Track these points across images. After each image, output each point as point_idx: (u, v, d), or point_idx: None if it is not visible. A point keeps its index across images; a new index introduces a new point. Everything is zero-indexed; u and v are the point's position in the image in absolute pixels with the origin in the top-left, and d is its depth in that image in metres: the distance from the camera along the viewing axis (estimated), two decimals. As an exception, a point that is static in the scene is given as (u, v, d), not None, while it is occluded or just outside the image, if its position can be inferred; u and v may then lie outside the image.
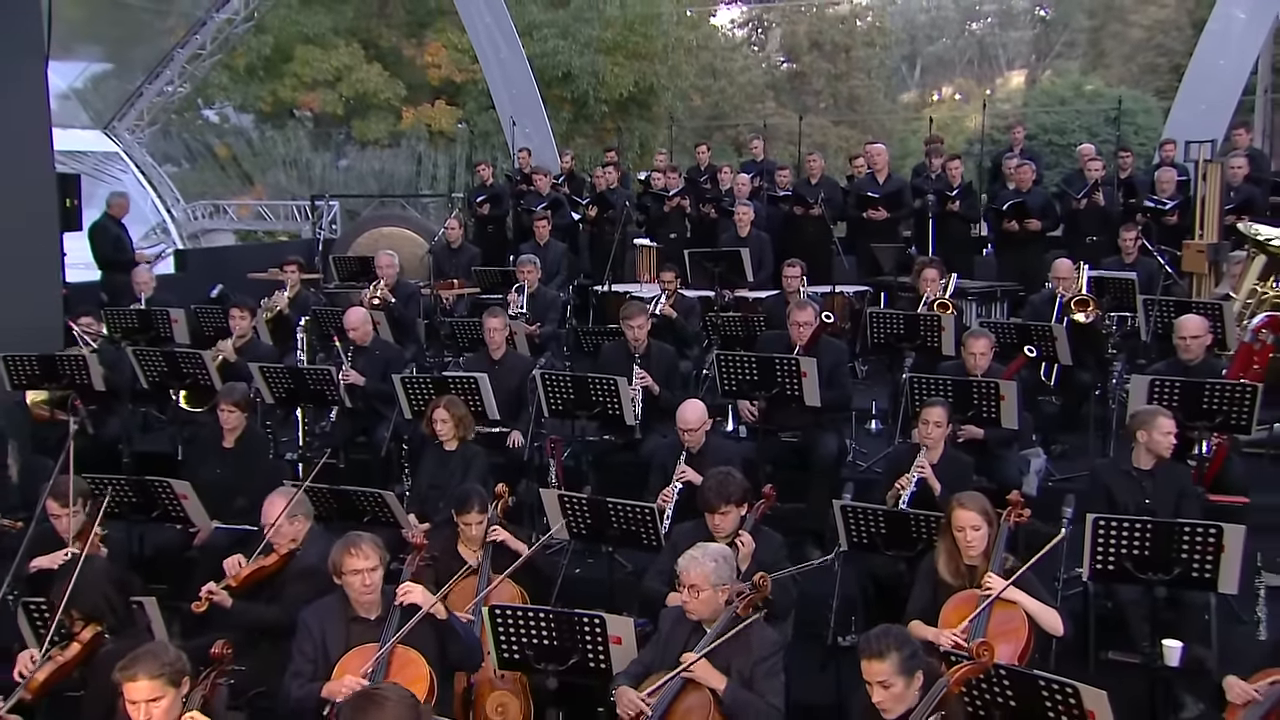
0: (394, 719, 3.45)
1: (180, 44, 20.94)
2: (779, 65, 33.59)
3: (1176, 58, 21.58)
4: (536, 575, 6.22)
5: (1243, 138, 13.61)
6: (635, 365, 8.42)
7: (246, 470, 7.51)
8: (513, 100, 18.57)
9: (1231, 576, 5.45)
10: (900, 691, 4.09)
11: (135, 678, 3.99)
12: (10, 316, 9.46)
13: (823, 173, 13.62)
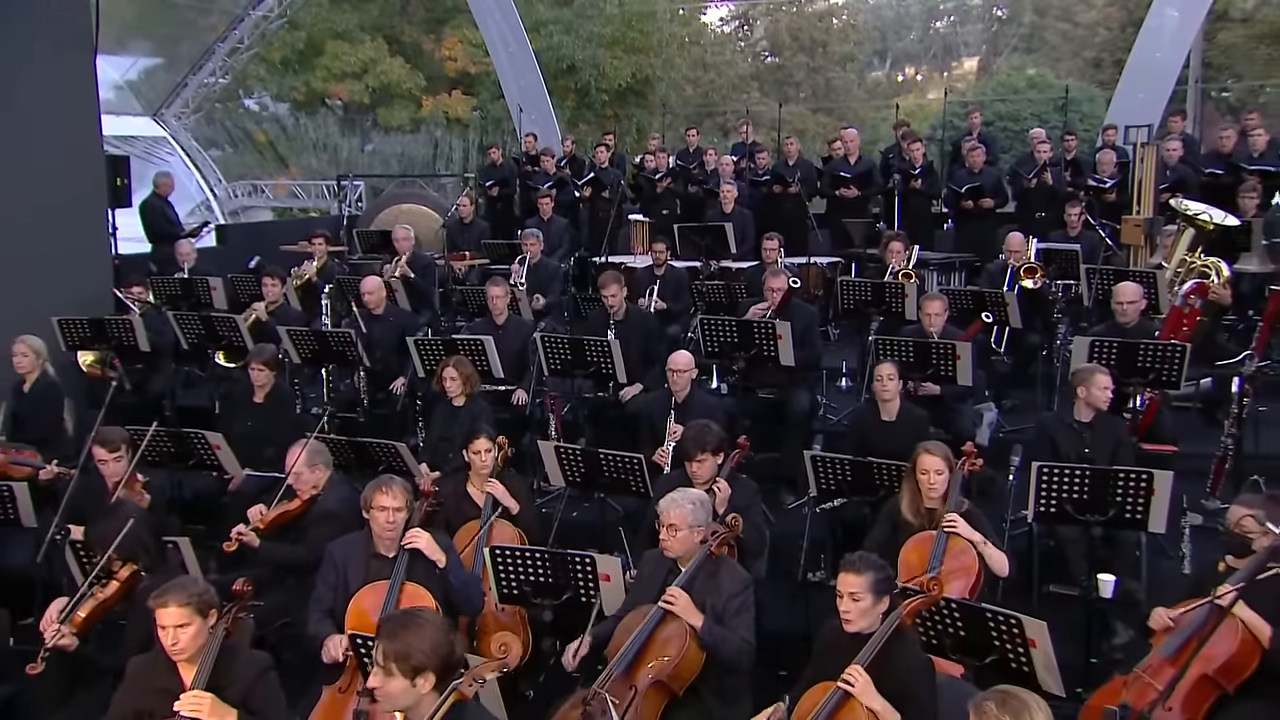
0: (432, 633, 3.43)
1: (221, 39, 20.90)
2: (763, 58, 33.40)
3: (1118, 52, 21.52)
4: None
5: (1176, 123, 13.57)
6: (610, 333, 8.34)
7: (275, 423, 7.47)
8: (520, 90, 18.58)
9: (1160, 517, 5.47)
10: (866, 607, 4.08)
11: (166, 605, 3.97)
12: (63, 285, 9.40)
13: (800, 155, 13.56)
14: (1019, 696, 3.21)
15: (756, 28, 33.71)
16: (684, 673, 4.54)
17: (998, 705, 3.17)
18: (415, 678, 3.37)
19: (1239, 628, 4.45)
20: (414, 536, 5.05)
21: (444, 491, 6.10)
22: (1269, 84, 23.63)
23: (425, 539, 5.07)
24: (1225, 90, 23.36)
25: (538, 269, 10.54)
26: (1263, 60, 24.13)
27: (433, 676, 3.39)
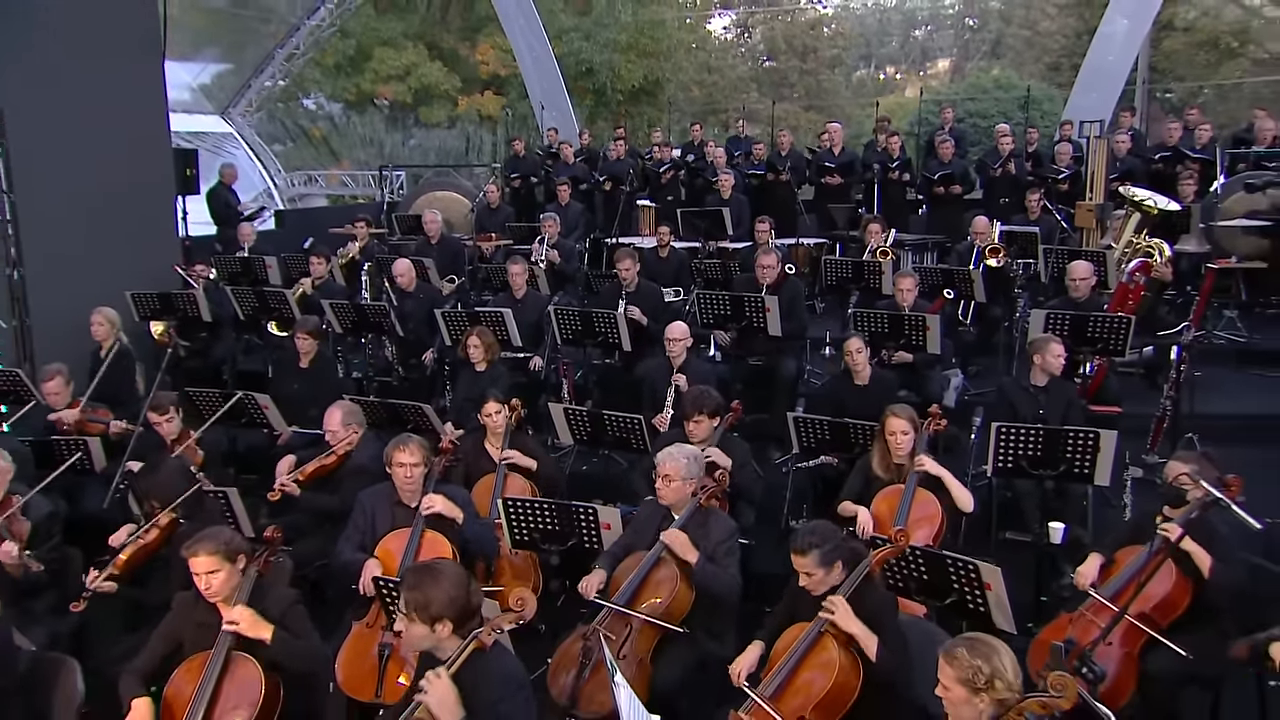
0: (450, 585, 3.34)
1: (280, 45, 20.76)
2: (760, 62, 33.11)
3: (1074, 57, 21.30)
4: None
5: (1125, 119, 13.41)
6: (621, 300, 8.29)
7: (318, 386, 7.38)
8: (543, 90, 18.45)
9: (1105, 472, 5.41)
10: (820, 578, 3.96)
11: (196, 554, 3.89)
12: (136, 262, 9.34)
13: (791, 147, 13.38)
14: (986, 641, 3.11)
15: (755, 34, 33.41)
16: (675, 611, 4.45)
17: (968, 650, 3.07)
18: (434, 625, 3.31)
19: (1173, 572, 4.37)
20: (431, 501, 4.96)
21: (464, 448, 6.01)
22: (1207, 85, 23.52)
23: (441, 502, 4.97)
24: (1169, 91, 23.17)
25: (555, 248, 10.40)
26: (1201, 64, 24.14)
27: (450, 624, 3.32)
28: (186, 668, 3.87)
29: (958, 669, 3.04)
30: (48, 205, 8.74)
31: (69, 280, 8.73)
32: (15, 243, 8.70)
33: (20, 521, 5.06)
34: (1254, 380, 8.62)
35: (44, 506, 5.27)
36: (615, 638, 4.37)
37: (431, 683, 3.22)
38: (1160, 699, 4.31)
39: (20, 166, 8.59)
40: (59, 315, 8.64)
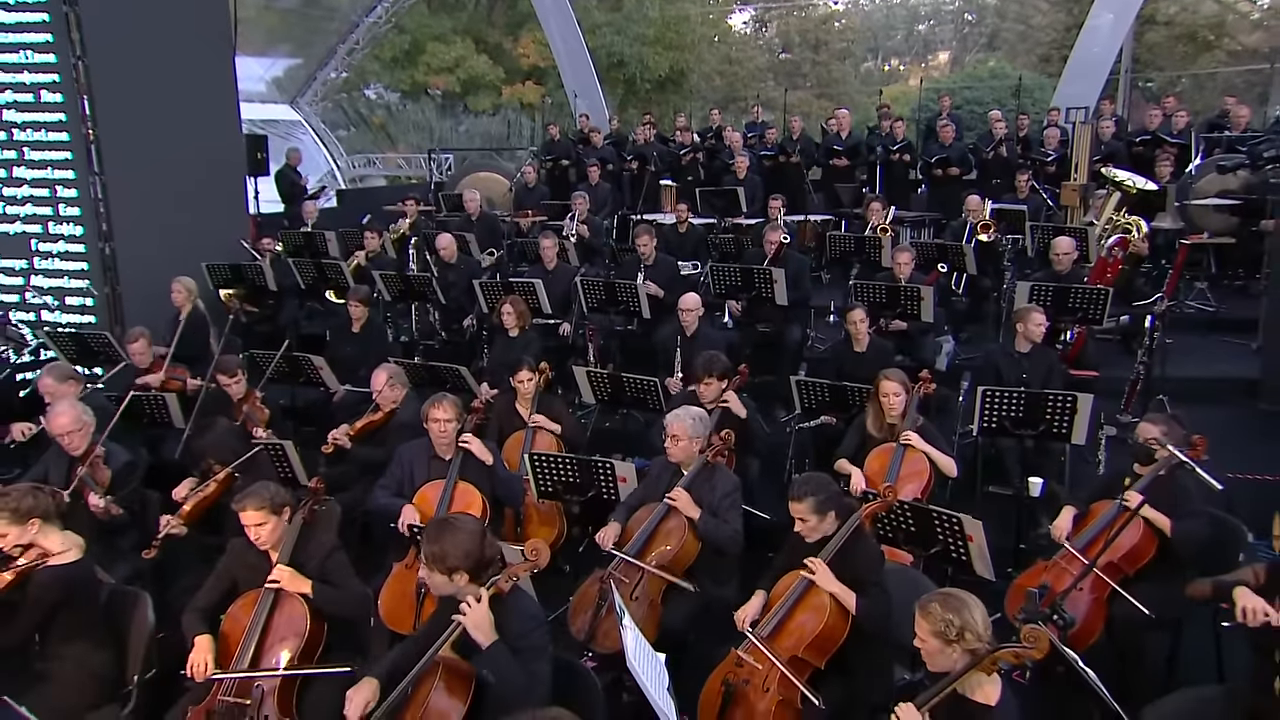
0: (465, 540, 3.27)
1: (341, 41, 20.59)
2: (776, 54, 32.61)
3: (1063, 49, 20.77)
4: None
5: (1107, 106, 13.09)
6: (640, 274, 8.19)
7: (368, 348, 7.34)
8: (576, 80, 18.25)
9: (1082, 431, 5.33)
10: (814, 524, 3.89)
11: (245, 508, 3.85)
12: (209, 237, 9.29)
13: (802, 132, 13.16)
14: (958, 596, 3.01)
15: (771, 28, 32.88)
16: (683, 559, 4.39)
17: (941, 605, 2.98)
18: (451, 575, 3.26)
19: (1141, 523, 4.25)
20: (467, 440, 4.94)
21: (498, 407, 5.96)
22: (1184, 75, 22.98)
23: (476, 443, 4.96)
24: (1149, 80, 22.59)
25: (585, 224, 10.30)
26: (1180, 56, 23.61)
27: (466, 575, 3.27)
28: (240, 604, 3.85)
29: (931, 622, 2.97)
30: (133, 186, 8.74)
31: (152, 252, 8.75)
32: (106, 219, 8.73)
33: (102, 470, 5.06)
34: (1221, 346, 8.44)
35: (123, 456, 5.26)
36: (629, 581, 4.32)
37: (470, 606, 3.19)
38: (1125, 640, 4.22)
39: (109, 152, 8.59)
40: (144, 284, 8.68)
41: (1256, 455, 6.39)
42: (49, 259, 8.74)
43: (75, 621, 3.90)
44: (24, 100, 8.48)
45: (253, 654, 3.70)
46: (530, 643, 3.22)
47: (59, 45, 8.28)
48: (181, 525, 4.78)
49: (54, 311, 8.91)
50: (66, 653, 3.87)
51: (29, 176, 8.61)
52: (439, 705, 3.12)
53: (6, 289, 8.91)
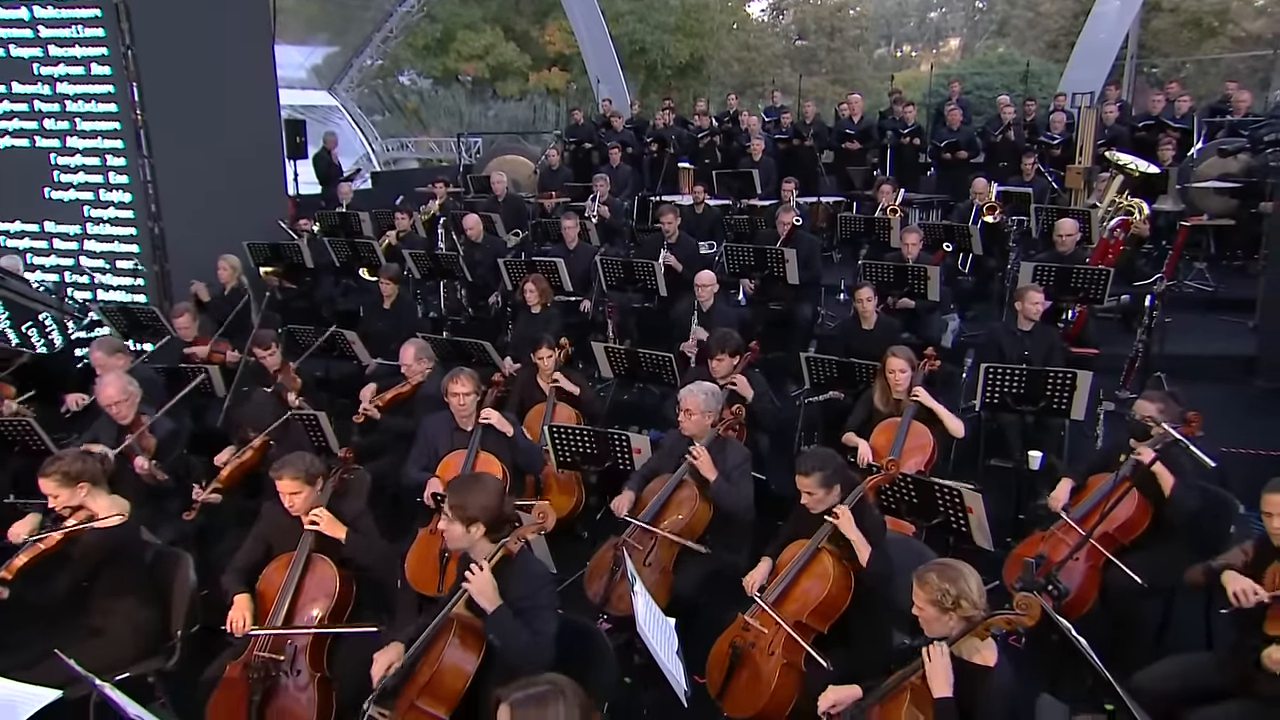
0: (486, 496, 3.27)
1: (376, 29, 20.48)
2: (793, 41, 32.23)
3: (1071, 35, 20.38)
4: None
5: (1112, 92, 12.81)
6: (663, 250, 8.14)
7: (399, 323, 7.33)
8: (599, 66, 17.98)
9: (1081, 407, 5.25)
10: (820, 497, 3.85)
11: (281, 477, 3.87)
12: (250, 217, 9.29)
13: (815, 116, 13.00)
14: (954, 566, 2.99)
15: (788, 16, 32.53)
16: (694, 527, 4.36)
17: (938, 575, 2.96)
18: (469, 526, 3.24)
19: (1135, 497, 4.20)
20: (487, 414, 4.92)
21: (520, 380, 5.94)
22: (1189, 60, 22.51)
23: (496, 415, 4.94)
24: (1154, 66, 22.15)
25: (606, 204, 10.22)
26: (1185, 42, 23.16)
27: (483, 527, 3.25)
28: (275, 565, 3.87)
29: (928, 592, 2.95)
30: (180, 168, 8.76)
31: (198, 231, 8.78)
32: (155, 200, 8.76)
33: (148, 437, 5.09)
34: (1219, 324, 8.28)
35: (167, 425, 5.28)
36: (642, 548, 4.30)
37: (474, 574, 3.19)
38: (1119, 608, 4.18)
39: (157, 136, 8.61)
40: (191, 261, 8.71)
41: (1251, 430, 6.28)
42: (100, 224, 8.81)
43: (121, 580, 3.94)
44: (75, 73, 8.51)
45: (286, 612, 3.72)
46: (535, 603, 3.21)
47: (110, 38, 8.31)
48: (216, 493, 4.81)
49: (108, 291, 9.00)
50: (115, 609, 3.91)
51: (81, 146, 8.65)
52: (453, 658, 3.13)
53: (62, 253, 9.00)
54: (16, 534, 3.98)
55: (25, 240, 9.08)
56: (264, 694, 3.57)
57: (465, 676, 3.11)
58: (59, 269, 9.04)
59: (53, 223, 8.94)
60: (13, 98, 8.67)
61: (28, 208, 8.93)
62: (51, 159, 8.75)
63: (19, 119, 8.73)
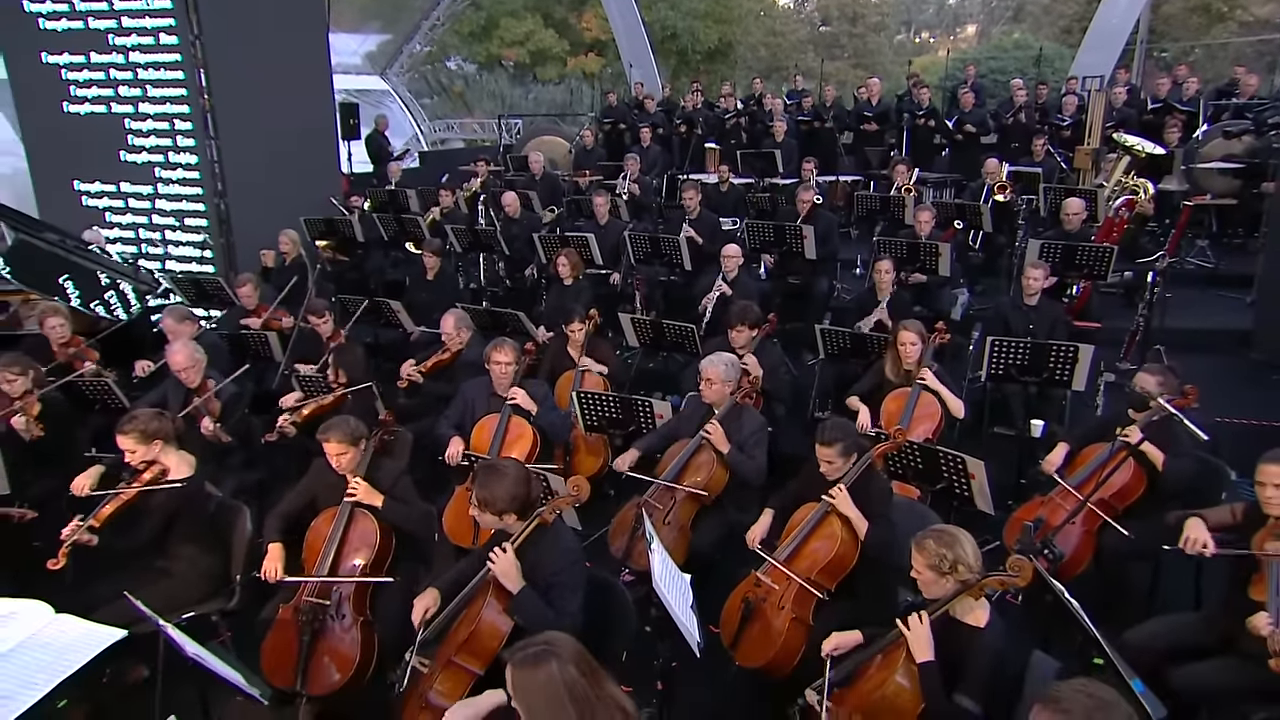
0: (510, 484, 3.21)
1: (424, 17, 20.32)
2: (817, 27, 31.59)
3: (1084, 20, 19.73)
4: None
5: (1122, 75, 12.47)
6: (685, 224, 8.04)
7: (441, 294, 7.32)
8: (632, 51, 17.76)
9: (1082, 379, 5.14)
10: (839, 465, 3.78)
11: (329, 439, 3.88)
12: (307, 194, 9.34)
13: (836, 99, 12.77)
14: (950, 532, 2.93)
15: (812, 3, 31.87)
16: (712, 489, 4.33)
17: (935, 540, 2.90)
18: (500, 516, 3.22)
19: (1132, 463, 4.10)
20: (514, 394, 4.90)
21: (552, 348, 5.92)
22: (1198, 44, 21.77)
23: (522, 395, 4.91)
24: (1164, 51, 21.43)
25: (636, 182, 10.11)
26: (1194, 27, 22.40)
27: (513, 514, 3.23)
28: (322, 518, 3.89)
29: (926, 556, 2.90)
30: (243, 148, 8.82)
31: (260, 207, 8.84)
32: (221, 178, 8.83)
33: (214, 401, 5.14)
34: (1218, 300, 8.09)
35: (230, 389, 5.32)
36: (662, 508, 4.29)
37: (498, 556, 3.16)
38: (1112, 570, 4.11)
39: (223, 119, 8.67)
40: (253, 235, 8.78)
41: (1245, 401, 6.15)
42: (170, 184, 8.92)
43: (188, 528, 3.99)
44: (146, 43, 8.59)
45: (331, 561, 3.75)
46: (562, 579, 3.17)
47: (180, 28, 8.37)
48: (294, 426, 4.93)
49: (179, 262, 9.11)
50: (181, 554, 3.97)
51: (152, 112, 8.74)
52: (490, 618, 3.12)
53: (137, 211, 9.14)
54: (80, 486, 4.03)
55: (104, 200, 9.25)
56: (313, 635, 3.61)
57: (500, 636, 3.10)
58: (135, 226, 9.19)
59: (128, 183, 9.10)
60: (91, 67, 8.78)
61: (106, 169, 9.10)
62: (125, 124, 8.86)
63: (96, 86, 8.85)
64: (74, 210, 9.32)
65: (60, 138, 9.17)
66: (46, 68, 8.95)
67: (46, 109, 9.11)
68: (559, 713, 2.13)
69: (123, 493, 3.85)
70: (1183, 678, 3.24)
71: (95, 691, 3.89)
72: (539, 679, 2.16)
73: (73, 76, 8.92)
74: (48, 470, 4.79)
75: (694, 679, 3.68)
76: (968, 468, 4.07)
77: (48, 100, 9.07)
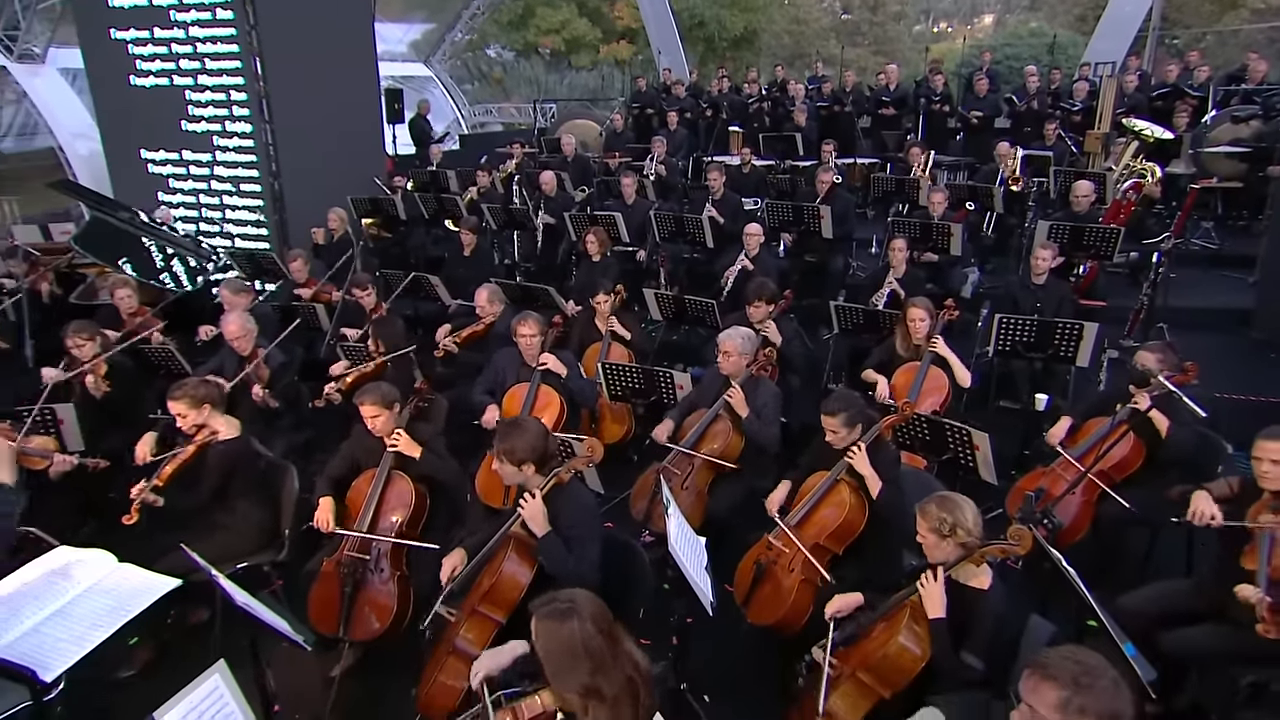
0: (531, 438, 3.21)
1: (465, 7, 20.12)
2: (839, 15, 30.91)
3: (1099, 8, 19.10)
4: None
5: (1133, 62, 12.04)
6: (708, 204, 7.92)
7: (477, 269, 7.28)
8: (660, 38, 17.45)
9: (1086, 355, 5.02)
10: (843, 435, 3.74)
11: (364, 403, 3.90)
12: (354, 175, 9.36)
13: (855, 84, 12.53)
14: (952, 498, 2.88)
15: (833, -8, 31.22)
16: (728, 455, 4.30)
17: (937, 506, 2.86)
18: (520, 466, 3.21)
19: (1132, 437, 4.02)
20: (545, 359, 4.90)
21: (580, 321, 5.89)
22: (1209, 32, 21.02)
23: (553, 360, 4.91)
24: (1175, 38, 20.72)
25: (663, 164, 9.99)
26: (1206, 14, 21.61)
27: (532, 466, 3.22)
28: (362, 479, 3.93)
29: (928, 520, 2.86)
30: (295, 131, 8.86)
31: (310, 187, 8.88)
32: (275, 160, 8.88)
33: (263, 368, 5.18)
34: (1221, 280, 7.86)
35: (279, 357, 5.37)
36: (680, 473, 4.26)
37: (527, 500, 3.18)
38: (1108, 537, 4.04)
39: (277, 105, 8.71)
40: (304, 213, 8.83)
41: (1243, 377, 5.99)
42: (226, 152, 8.99)
43: (241, 485, 4.04)
44: (203, 18, 8.64)
45: (370, 518, 3.78)
46: (579, 532, 3.18)
47: (238, 20, 8.38)
48: (339, 393, 4.97)
49: (237, 226, 9.19)
50: (234, 509, 4.02)
51: (210, 83, 8.80)
52: (511, 570, 3.13)
53: (197, 177, 9.21)
54: (141, 455, 4.10)
55: (167, 167, 9.34)
56: (354, 586, 3.66)
57: (521, 588, 3.12)
58: (195, 191, 9.28)
59: (189, 150, 9.17)
60: (154, 41, 8.84)
61: (168, 138, 9.18)
62: (185, 95, 8.93)
63: (159, 61, 8.92)
64: (140, 178, 9.46)
65: (127, 110, 9.30)
66: (115, 44, 9.04)
67: (115, 83, 9.23)
68: (575, 664, 2.22)
69: (179, 453, 3.91)
70: (1173, 641, 3.20)
71: (161, 631, 4.02)
72: (561, 633, 2.23)
73: (138, 51, 9.01)
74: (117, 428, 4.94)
75: (708, 635, 3.68)
76: (973, 439, 4.01)
77: (116, 75, 9.18)
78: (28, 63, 13.92)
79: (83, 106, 13.67)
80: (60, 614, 2.91)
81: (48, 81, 14.22)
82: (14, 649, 2.75)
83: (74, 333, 5.09)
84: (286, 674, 3.46)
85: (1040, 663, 2.04)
